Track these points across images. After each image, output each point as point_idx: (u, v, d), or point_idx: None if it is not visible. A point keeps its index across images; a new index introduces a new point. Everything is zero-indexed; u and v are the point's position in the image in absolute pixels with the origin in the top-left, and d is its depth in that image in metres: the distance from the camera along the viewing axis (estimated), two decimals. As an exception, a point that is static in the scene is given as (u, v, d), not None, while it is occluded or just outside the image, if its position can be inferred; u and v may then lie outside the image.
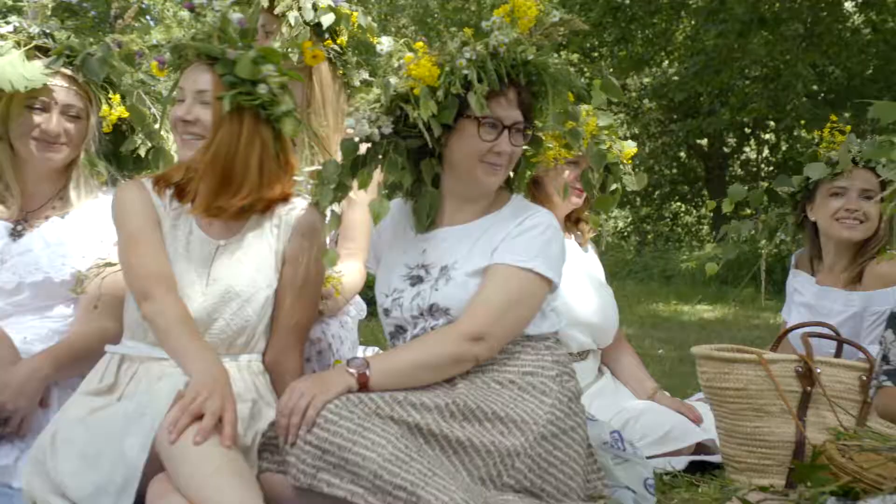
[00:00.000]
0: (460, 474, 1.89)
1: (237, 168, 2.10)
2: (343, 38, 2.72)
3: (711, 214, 16.36)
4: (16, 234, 2.46)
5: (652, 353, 5.19)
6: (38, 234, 2.46)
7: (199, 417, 1.79)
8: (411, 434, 1.86)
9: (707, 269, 3.16)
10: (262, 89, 2.10)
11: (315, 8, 2.70)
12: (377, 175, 2.22)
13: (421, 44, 2.09)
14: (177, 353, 1.96)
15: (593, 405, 2.76)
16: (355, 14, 2.73)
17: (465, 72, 2.01)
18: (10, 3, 2.42)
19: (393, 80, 2.05)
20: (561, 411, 2.05)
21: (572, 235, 3.02)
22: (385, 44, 2.12)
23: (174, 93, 2.15)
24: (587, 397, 2.78)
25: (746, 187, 3.03)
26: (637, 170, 2.77)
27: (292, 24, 2.66)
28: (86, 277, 2.36)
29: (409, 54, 2.06)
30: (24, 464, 2.10)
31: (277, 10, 2.67)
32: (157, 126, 2.54)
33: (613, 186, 2.78)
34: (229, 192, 2.10)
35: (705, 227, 17.86)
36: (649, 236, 18.08)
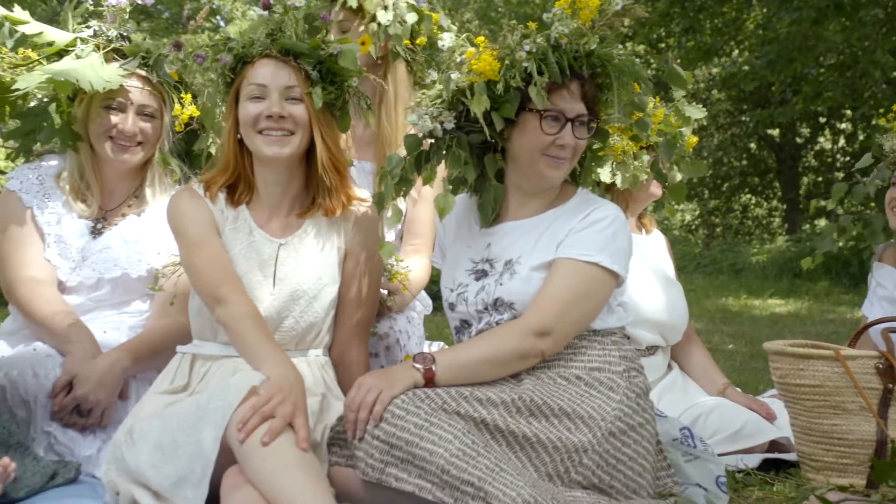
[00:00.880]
0: (527, 470, 1.88)
1: (340, 163, 2.15)
2: (423, 39, 2.74)
3: (784, 207, 15.96)
4: (96, 232, 2.54)
5: (722, 348, 5.09)
6: (117, 232, 2.54)
7: (270, 418, 1.81)
8: (478, 429, 1.86)
9: (803, 263, 3.10)
10: (353, 83, 2.11)
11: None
12: (442, 170, 2.23)
13: (482, 38, 2.08)
14: (252, 357, 1.98)
15: (662, 401, 2.73)
16: (437, 16, 2.74)
17: (525, 65, 1.99)
18: (91, 8, 2.49)
19: (454, 75, 2.04)
20: (629, 407, 2.03)
21: (641, 230, 2.98)
22: (447, 39, 2.10)
23: (248, 90, 2.11)
24: (656, 393, 2.74)
25: (847, 184, 2.96)
26: (696, 158, 2.71)
27: (383, 22, 2.67)
28: (162, 275, 2.42)
29: (471, 49, 2.05)
30: (105, 454, 2.17)
31: (369, 8, 2.66)
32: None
33: (679, 177, 2.73)
34: (345, 187, 2.15)
35: (776, 219, 17.42)
36: (718, 229, 17.72)
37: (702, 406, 2.75)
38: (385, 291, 2.48)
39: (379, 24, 2.68)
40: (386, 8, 2.68)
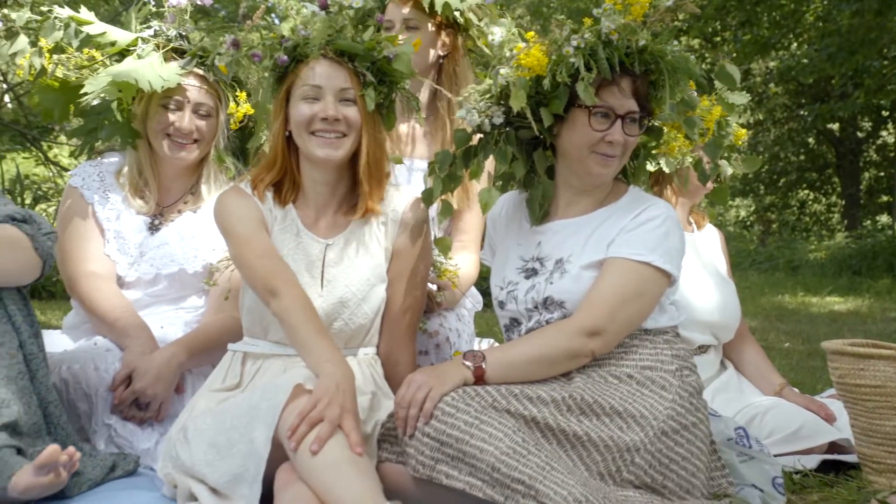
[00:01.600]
0: (578, 469, 1.87)
1: (383, 165, 2.16)
2: (486, 39, 2.75)
3: (843, 203, 15.58)
4: (153, 228, 2.60)
5: (778, 346, 4.99)
6: (174, 228, 2.59)
7: (319, 422, 1.81)
8: (528, 427, 1.86)
9: None
10: (406, 84, 2.12)
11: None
12: (489, 166, 2.22)
13: (532, 33, 2.06)
14: (304, 350, 1.98)
15: (716, 400, 2.69)
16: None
17: (573, 60, 1.97)
18: (153, 10, 2.56)
19: (503, 69, 2.03)
20: (682, 406, 2.00)
21: (692, 226, 2.94)
22: (497, 34, 2.09)
23: (301, 90, 2.11)
24: (709, 392, 2.70)
25: None
26: (746, 153, 2.65)
27: (476, 22, 2.67)
28: (216, 270, 2.46)
29: (521, 44, 2.04)
30: (162, 447, 2.22)
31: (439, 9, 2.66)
32: None
33: (730, 171, 2.68)
34: (381, 189, 2.16)
35: (835, 215, 17.02)
36: (774, 225, 17.39)
37: (757, 406, 2.70)
38: (434, 287, 2.48)
39: (466, 28, 2.68)
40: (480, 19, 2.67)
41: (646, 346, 2.07)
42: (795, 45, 13.53)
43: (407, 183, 2.63)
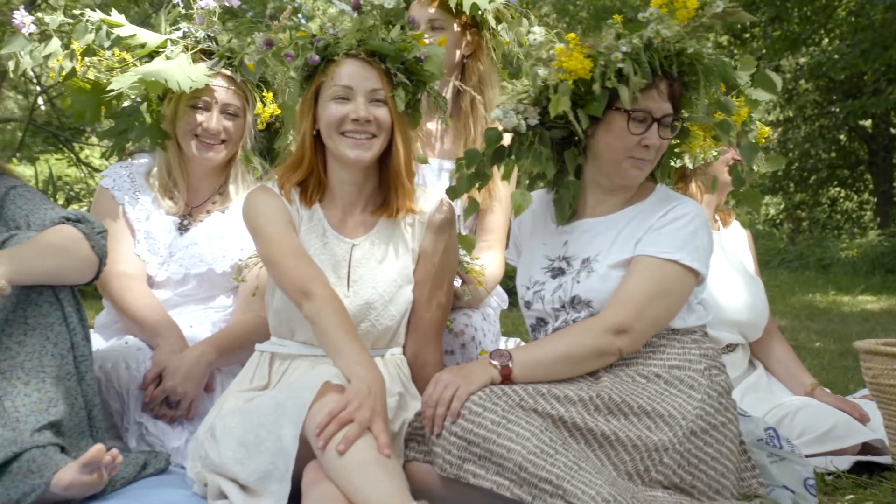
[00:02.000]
0: (606, 468, 1.86)
1: (412, 165, 2.16)
2: (497, 41, 2.74)
3: (875, 200, 15.35)
4: (182, 229, 2.62)
5: (809, 346, 4.93)
6: (202, 228, 2.61)
7: (348, 423, 1.82)
8: (555, 427, 1.85)
9: None
10: (434, 84, 2.12)
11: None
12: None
13: (573, 35, 2.05)
14: (335, 354, 1.98)
15: (745, 400, 2.66)
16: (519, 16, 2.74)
17: (621, 66, 1.96)
18: (182, 12, 2.59)
19: (542, 71, 2.03)
20: (711, 406, 1.99)
21: (719, 225, 2.91)
22: (538, 34, 2.08)
23: (332, 91, 2.10)
24: (738, 392, 2.68)
25: None
26: (775, 151, 2.61)
27: (493, 25, 2.68)
28: (245, 266, 2.47)
29: (560, 45, 2.03)
30: (192, 445, 2.24)
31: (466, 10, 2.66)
32: None
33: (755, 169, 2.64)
34: (411, 189, 2.16)
35: (868, 213, 16.78)
36: (804, 223, 17.18)
37: (788, 406, 2.67)
38: (459, 282, 2.48)
39: (493, 29, 2.67)
40: (499, 20, 2.67)
41: (674, 346, 2.06)
42: (826, 40, 13.35)
43: (431, 182, 2.63)
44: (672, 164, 2.26)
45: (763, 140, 2.41)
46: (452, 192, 2.15)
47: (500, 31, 2.67)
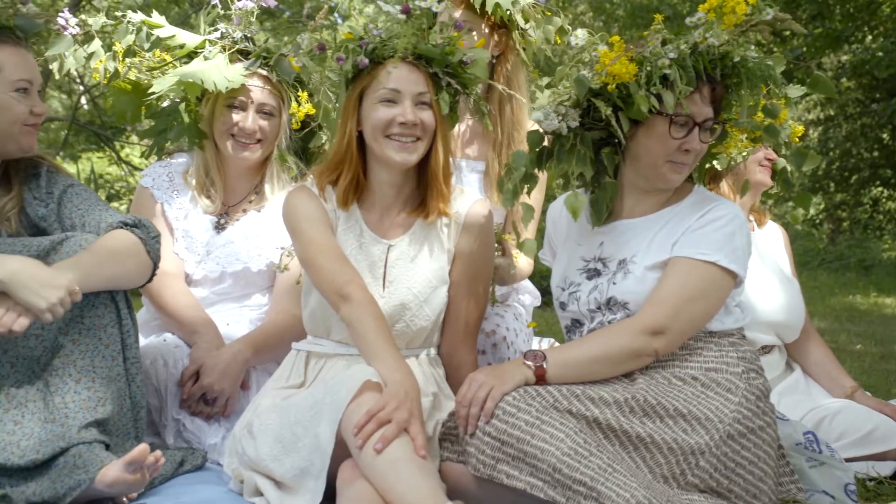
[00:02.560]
0: (641, 471, 1.85)
1: (449, 168, 2.17)
2: (525, 41, 2.74)
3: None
4: (219, 227, 2.65)
5: (849, 348, 4.85)
6: (239, 227, 2.64)
7: (386, 423, 1.83)
8: (590, 428, 1.84)
9: None
10: (478, 88, 2.12)
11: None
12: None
13: (617, 38, 2.04)
14: (372, 357, 1.99)
15: (782, 403, 2.63)
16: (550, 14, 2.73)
17: (667, 71, 1.95)
18: (220, 13, 2.63)
19: (586, 73, 2.02)
20: (748, 409, 1.97)
21: (754, 225, 2.88)
22: (580, 37, 2.07)
23: (379, 93, 2.09)
24: (775, 394, 2.64)
25: None
26: (815, 149, 2.57)
27: (521, 25, 2.68)
28: (288, 254, 2.46)
29: (603, 48, 2.02)
30: (228, 442, 2.26)
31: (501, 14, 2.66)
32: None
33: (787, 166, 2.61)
34: (449, 191, 2.17)
35: (912, 213, 16.43)
36: (844, 224, 16.87)
37: (826, 408, 2.63)
38: (498, 256, 2.46)
39: (522, 29, 2.67)
40: (527, 20, 2.67)
41: (711, 348, 2.04)
42: (870, 38, 13.10)
43: (459, 182, 2.63)
44: (709, 165, 2.24)
45: (797, 139, 2.38)
46: (508, 198, 2.15)
47: (528, 31, 2.66)
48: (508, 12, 2.60)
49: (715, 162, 2.35)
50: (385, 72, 2.09)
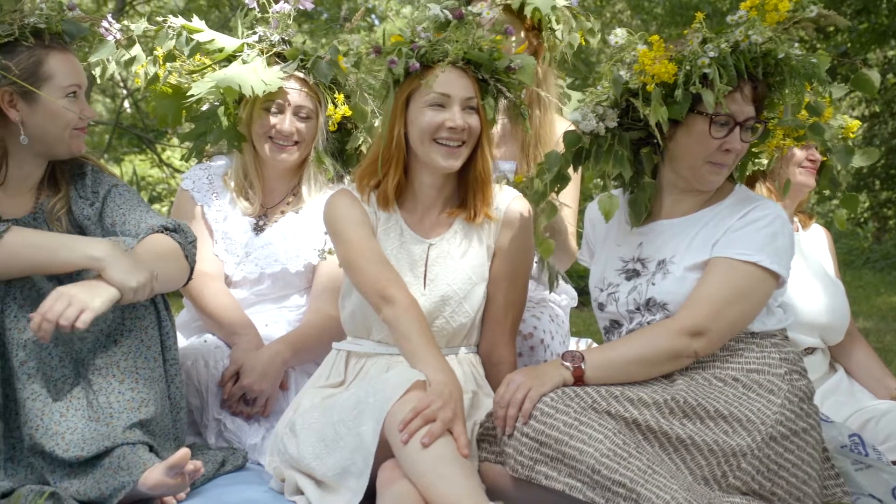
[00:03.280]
0: (682, 473, 1.83)
1: (490, 171, 2.18)
2: (553, 42, 2.73)
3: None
4: (258, 229, 2.67)
5: (895, 348, 4.74)
6: (277, 229, 2.66)
7: (431, 421, 1.84)
8: (629, 430, 1.83)
9: None
10: (521, 93, 2.13)
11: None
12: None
13: (657, 37, 2.02)
14: (414, 359, 2.00)
15: (825, 404, 2.58)
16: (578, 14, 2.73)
17: (707, 71, 1.93)
18: (258, 16, 2.66)
19: (624, 73, 2.00)
20: (791, 411, 1.94)
21: (798, 227, 2.83)
22: (620, 36, 2.05)
23: (428, 98, 2.09)
24: (818, 395, 2.60)
25: None
26: (861, 147, 2.51)
27: (555, 28, 2.68)
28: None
29: (642, 47, 2.00)
30: (268, 442, 2.28)
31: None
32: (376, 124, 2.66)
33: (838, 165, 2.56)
34: (491, 193, 2.18)
35: (961, 211, 16.04)
36: (891, 222, 16.53)
37: (871, 410, 2.58)
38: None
39: (552, 30, 2.67)
40: (558, 21, 2.66)
41: (752, 350, 2.01)
42: (919, 32, 12.81)
43: None
44: (751, 165, 2.21)
45: (852, 134, 2.33)
46: (536, 197, 2.14)
47: (556, 33, 2.66)
48: (547, 16, 2.60)
49: (749, 164, 2.32)
50: (434, 76, 2.09)
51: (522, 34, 2.65)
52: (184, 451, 1.94)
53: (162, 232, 2.16)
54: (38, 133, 2.14)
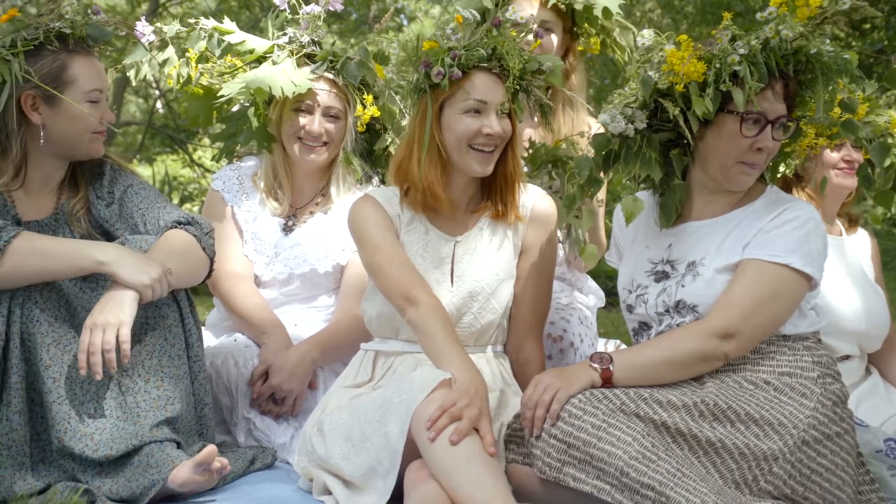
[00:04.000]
0: (712, 476, 1.82)
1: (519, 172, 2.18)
2: (586, 45, 2.72)
3: None
4: (287, 230, 2.69)
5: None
6: (306, 229, 2.67)
7: (458, 420, 1.84)
8: (658, 432, 1.82)
9: None
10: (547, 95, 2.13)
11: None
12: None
13: (685, 37, 2.00)
14: (439, 359, 2.00)
15: (860, 408, 2.55)
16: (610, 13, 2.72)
17: (737, 68, 1.91)
18: (289, 17, 2.69)
19: (653, 74, 1.99)
20: (824, 415, 1.92)
21: (841, 229, 2.79)
22: (646, 37, 2.04)
23: (465, 104, 2.08)
24: (853, 399, 2.57)
25: None
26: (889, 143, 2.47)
27: (611, 28, 2.68)
28: None
29: (670, 47, 1.98)
30: (297, 442, 2.30)
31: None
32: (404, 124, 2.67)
33: (888, 162, 2.52)
34: (518, 194, 2.18)
35: None
36: (931, 222, 16.22)
37: (907, 414, 2.54)
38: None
39: (606, 30, 2.67)
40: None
41: (784, 353, 1.99)
42: (956, 28, 12.56)
43: None
44: (783, 166, 2.18)
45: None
46: (570, 203, 2.13)
47: (589, 37, 2.67)
48: (603, 16, 2.60)
49: (782, 167, 2.29)
50: (469, 82, 2.09)
51: (564, 34, 2.65)
52: (210, 448, 1.96)
53: (176, 226, 2.18)
54: (59, 136, 2.18)
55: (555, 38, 2.69)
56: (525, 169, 2.34)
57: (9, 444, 2.01)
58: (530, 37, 2.21)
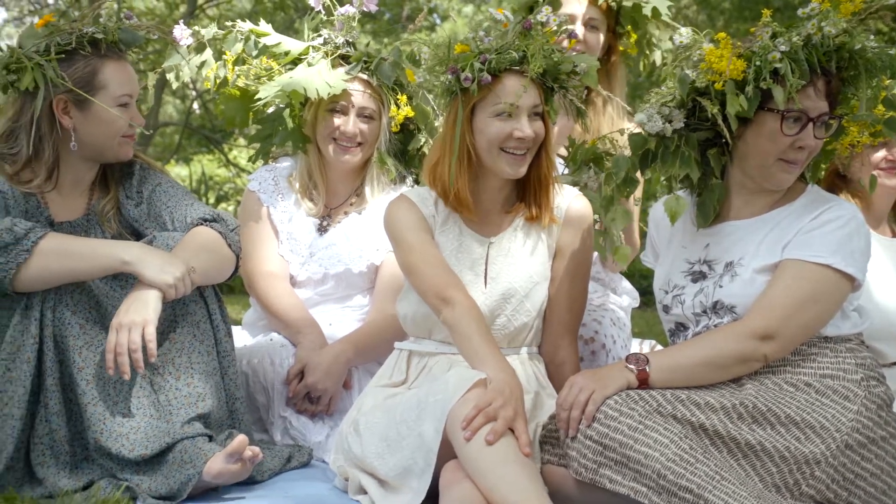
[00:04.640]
0: (751, 479, 1.79)
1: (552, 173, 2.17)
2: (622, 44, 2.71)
3: None
4: (322, 230, 2.71)
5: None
6: (340, 229, 2.69)
7: (493, 420, 1.84)
8: (696, 434, 1.80)
9: None
10: (582, 95, 2.13)
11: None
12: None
13: (723, 34, 1.97)
14: (475, 359, 2.00)
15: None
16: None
17: (778, 65, 1.88)
18: (324, 19, 2.71)
19: (690, 72, 1.97)
20: (868, 419, 1.89)
21: (889, 230, 2.72)
22: (684, 35, 2.02)
23: (496, 107, 2.07)
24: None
25: None
26: None
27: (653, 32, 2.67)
28: None
29: (708, 45, 1.96)
30: (332, 441, 2.31)
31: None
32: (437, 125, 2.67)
33: None
34: (552, 195, 2.17)
35: None
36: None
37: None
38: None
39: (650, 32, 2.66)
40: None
41: (826, 354, 1.96)
42: None
43: None
44: (822, 164, 2.15)
45: None
46: (607, 203, 2.11)
47: (629, 38, 2.65)
48: (648, 17, 2.59)
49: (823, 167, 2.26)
50: (500, 85, 2.08)
51: (604, 33, 2.64)
52: (241, 438, 1.98)
53: (202, 223, 2.20)
54: (89, 140, 2.21)
55: (601, 37, 2.68)
56: (565, 169, 2.34)
57: (50, 444, 2.06)
58: (566, 42, 2.19)
